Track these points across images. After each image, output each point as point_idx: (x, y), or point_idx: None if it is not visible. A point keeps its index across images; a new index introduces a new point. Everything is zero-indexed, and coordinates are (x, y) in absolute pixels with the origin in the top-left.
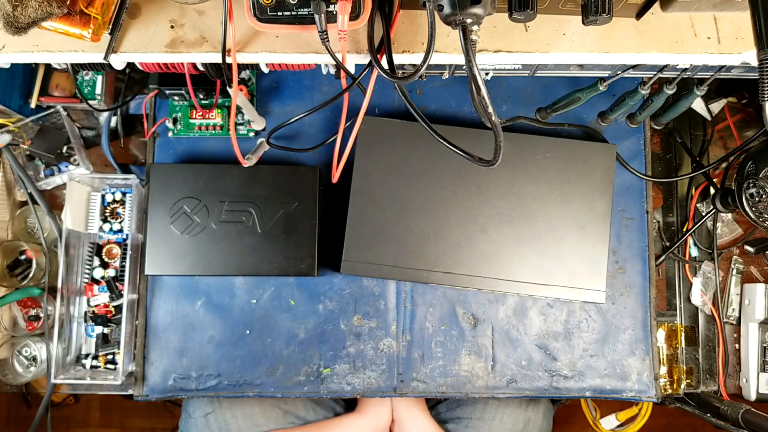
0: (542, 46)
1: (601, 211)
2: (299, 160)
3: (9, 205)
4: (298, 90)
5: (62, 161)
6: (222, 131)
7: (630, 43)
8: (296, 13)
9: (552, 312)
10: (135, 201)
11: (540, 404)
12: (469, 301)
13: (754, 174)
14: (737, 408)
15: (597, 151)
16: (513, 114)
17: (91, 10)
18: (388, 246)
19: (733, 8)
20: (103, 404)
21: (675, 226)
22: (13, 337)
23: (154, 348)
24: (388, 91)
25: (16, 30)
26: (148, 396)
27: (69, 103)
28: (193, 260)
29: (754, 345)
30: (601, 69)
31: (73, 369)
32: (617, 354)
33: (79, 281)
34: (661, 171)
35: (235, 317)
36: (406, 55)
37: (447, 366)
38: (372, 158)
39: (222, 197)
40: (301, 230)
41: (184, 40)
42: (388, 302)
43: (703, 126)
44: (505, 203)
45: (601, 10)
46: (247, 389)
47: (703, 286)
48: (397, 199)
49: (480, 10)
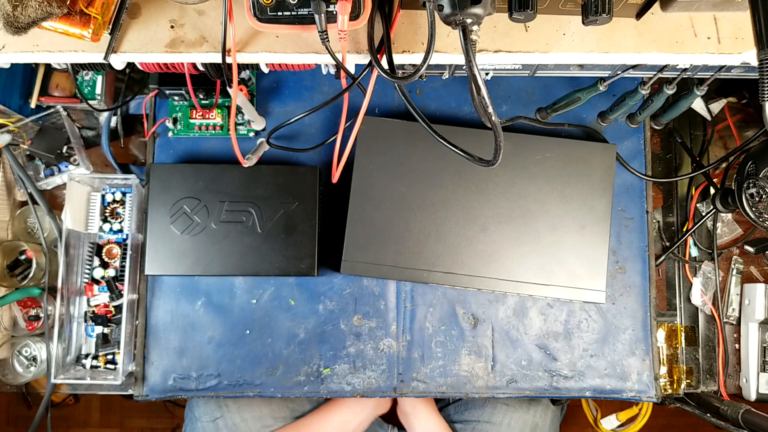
0: (542, 46)
1: (601, 211)
2: (299, 160)
3: (9, 205)
4: (298, 90)
5: (62, 161)
6: (222, 131)
7: (630, 43)
8: (296, 13)
9: (552, 312)
10: (135, 201)
11: (548, 410)
12: (469, 301)
13: (754, 174)
14: (737, 408)
15: (597, 151)
16: (513, 114)
17: (91, 10)
18: (388, 246)
19: (733, 8)
20: (103, 404)
21: (675, 226)
22: (13, 337)
23: (154, 348)
24: (388, 91)
25: (16, 30)
26: (148, 396)
27: (69, 103)
28: (193, 260)
29: (754, 345)
30: (601, 69)
31: (73, 369)
32: (617, 354)
33: (79, 281)
34: (661, 171)
35: (235, 317)
36: (406, 55)
37: (447, 366)
38: (372, 158)
39: (222, 197)
40: (301, 230)
41: (184, 40)
42: (388, 302)
43: (703, 126)
44: (505, 203)
45: (601, 10)
46: (247, 389)
47: (703, 286)
48: (397, 199)
49: (480, 10)
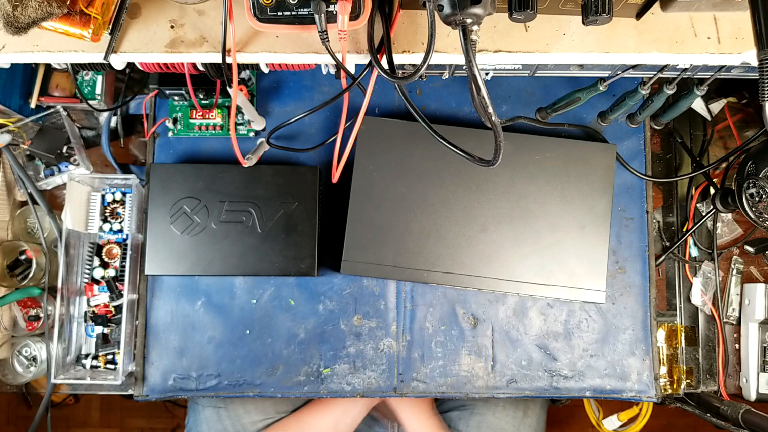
0: (542, 46)
1: (601, 211)
2: (299, 160)
3: (9, 205)
4: (298, 90)
5: (62, 161)
6: (222, 131)
7: (630, 43)
8: (296, 13)
9: (552, 312)
10: (135, 201)
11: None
12: (469, 301)
13: (754, 174)
14: (737, 408)
15: (597, 151)
16: (513, 114)
17: (91, 10)
18: (388, 246)
19: (733, 8)
20: (103, 404)
21: (675, 226)
22: (13, 337)
23: (154, 348)
24: (388, 91)
25: (16, 30)
26: (148, 396)
27: (69, 103)
28: (193, 260)
29: (754, 345)
30: (601, 69)
31: (73, 369)
32: (617, 354)
33: (79, 281)
34: (661, 171)
35: (235, 317)
36: (406, 55)
37: (447, 366)
38: (372, 158)
39: (222, 197)
40: (301, 230)
41: (184, 40)
42: (388, 302)
43: (703, 126)
44: (505, 203)
45: (601, 10)
46: (247, 389)
47: (703, 286)
48: (397, 199)
49: (480, 10)
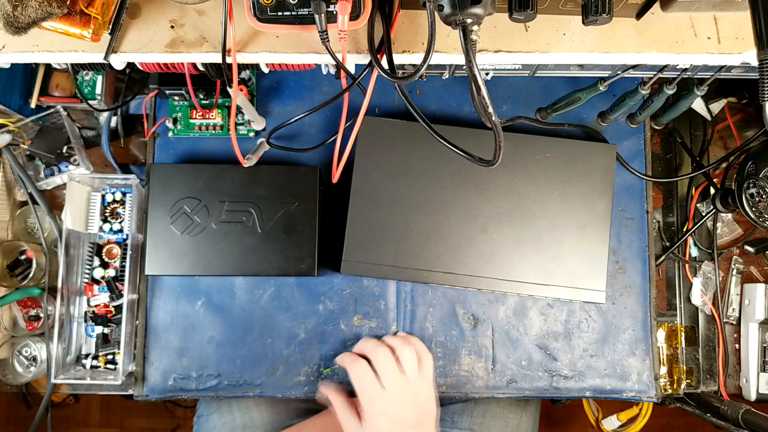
0: (542, 46)
1: (601, 211)
2: (299, 160)
3: (9, 205)
4: (298, 90)
5: (62, 161)
6: (222, 131)
7: (630, 43)
8: (296, 13)
9: (552, 312)
10: (135, 201)
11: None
12: (469, 301)
13: (754, 174)
14: (737, 408)
15: (597, 151)
16: (513, 114)
17: (91, 10)
18: (388, 246)
19: (733, 8)
20: (103, 404)
21: (675, 226)
22: (13, 337)
23: (154, 348)
24: (388, 91)
25: (16, 30)
26: (148, 396)
27: (69, 103)
28: (193, 260)
29: (754, 345)
30: (601, 69)
31: (73, 369)
32: (617, 354)
33: (79, 281)
34: (661, 171)
35: (235, 317)
36: (406, 55)
37: (447, 366)
38: (372, 158)
39: (222, 197)
40: (301, 230)
41: (184, 40)
42: (388, 302)
43: (703, 126)
44: (505, 203)
45: (601, 10)
46: (248, 389)
47: (703, 286)
48: (397, 199)
49: (480, 10)
